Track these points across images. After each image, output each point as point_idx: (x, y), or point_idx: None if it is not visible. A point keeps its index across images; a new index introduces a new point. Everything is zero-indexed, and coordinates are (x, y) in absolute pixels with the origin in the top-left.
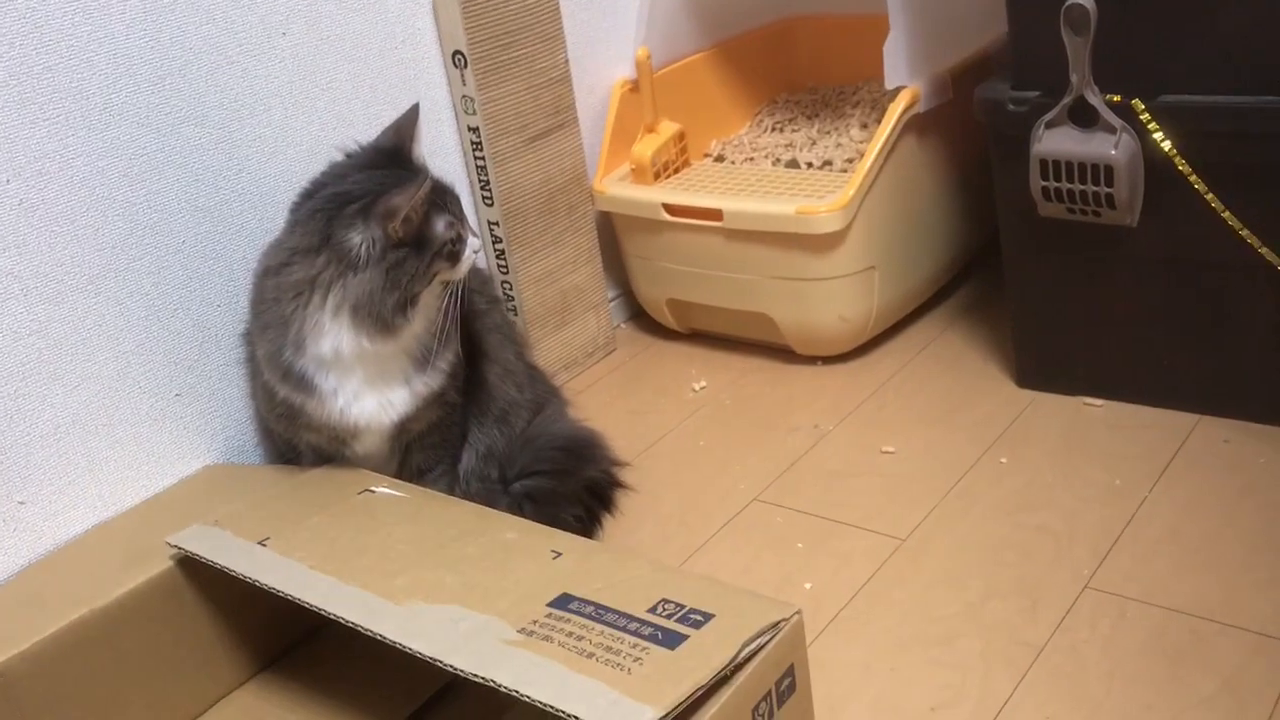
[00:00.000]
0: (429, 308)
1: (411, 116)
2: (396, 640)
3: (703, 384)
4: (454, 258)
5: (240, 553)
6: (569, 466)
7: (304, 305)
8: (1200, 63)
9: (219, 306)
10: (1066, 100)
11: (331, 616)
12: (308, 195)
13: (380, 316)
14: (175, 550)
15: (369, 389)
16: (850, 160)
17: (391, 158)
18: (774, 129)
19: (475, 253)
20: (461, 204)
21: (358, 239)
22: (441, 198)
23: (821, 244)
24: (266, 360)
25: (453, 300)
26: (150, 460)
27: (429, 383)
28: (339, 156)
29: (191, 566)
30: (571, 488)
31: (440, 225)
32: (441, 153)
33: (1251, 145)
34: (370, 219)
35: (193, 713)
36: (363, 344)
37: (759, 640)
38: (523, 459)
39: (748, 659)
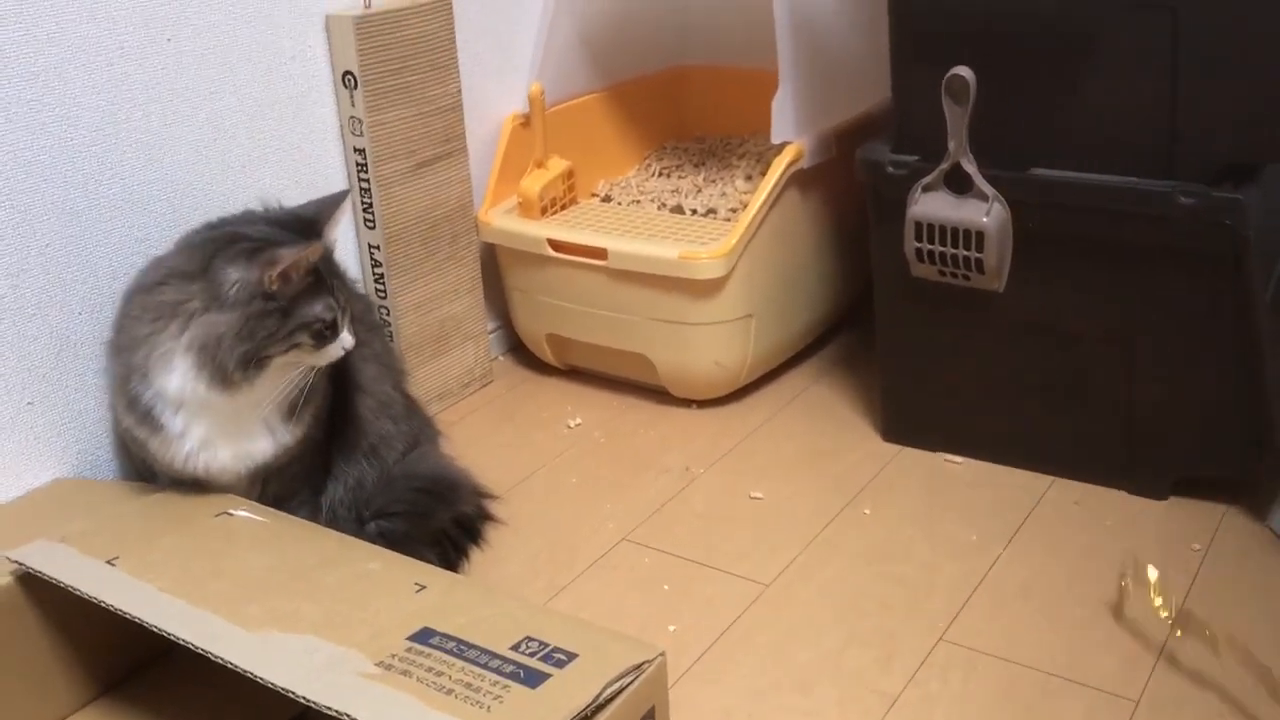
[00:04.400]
0: (278, 377)
1: (337, 199)
2: (246, 668)
3: (578, 421)
4: (320, 340)
5: (86, 571)
6: (427, 509)
7: (161, 330)
8: (1066, 140)
9: (81, 314)
10: (943, 166)
11: (177, 640)
12: (209, 227)
13: (221, 365)
14: (16, 566)
15: (222, 438)
16: (734, 210)
17: (305, 228)
18: (661, 174)
19: (344, 349)
20: (350, 296)
21: (235, 276)
22: (334, 284)
23: (702, 289)
24: (116, 384)
25: (313, 380)
26: None
27: (295, 432)
28: (257, 206)
29: (32, 584)
30: (429, 530)
31: (320, 305)
32: (326, 173)
33: (1109, 221)
34: (253, 262)
35: None
36: (199, 388)
37: (621, 681)
38: (380, 499)
39: (609, 700)
